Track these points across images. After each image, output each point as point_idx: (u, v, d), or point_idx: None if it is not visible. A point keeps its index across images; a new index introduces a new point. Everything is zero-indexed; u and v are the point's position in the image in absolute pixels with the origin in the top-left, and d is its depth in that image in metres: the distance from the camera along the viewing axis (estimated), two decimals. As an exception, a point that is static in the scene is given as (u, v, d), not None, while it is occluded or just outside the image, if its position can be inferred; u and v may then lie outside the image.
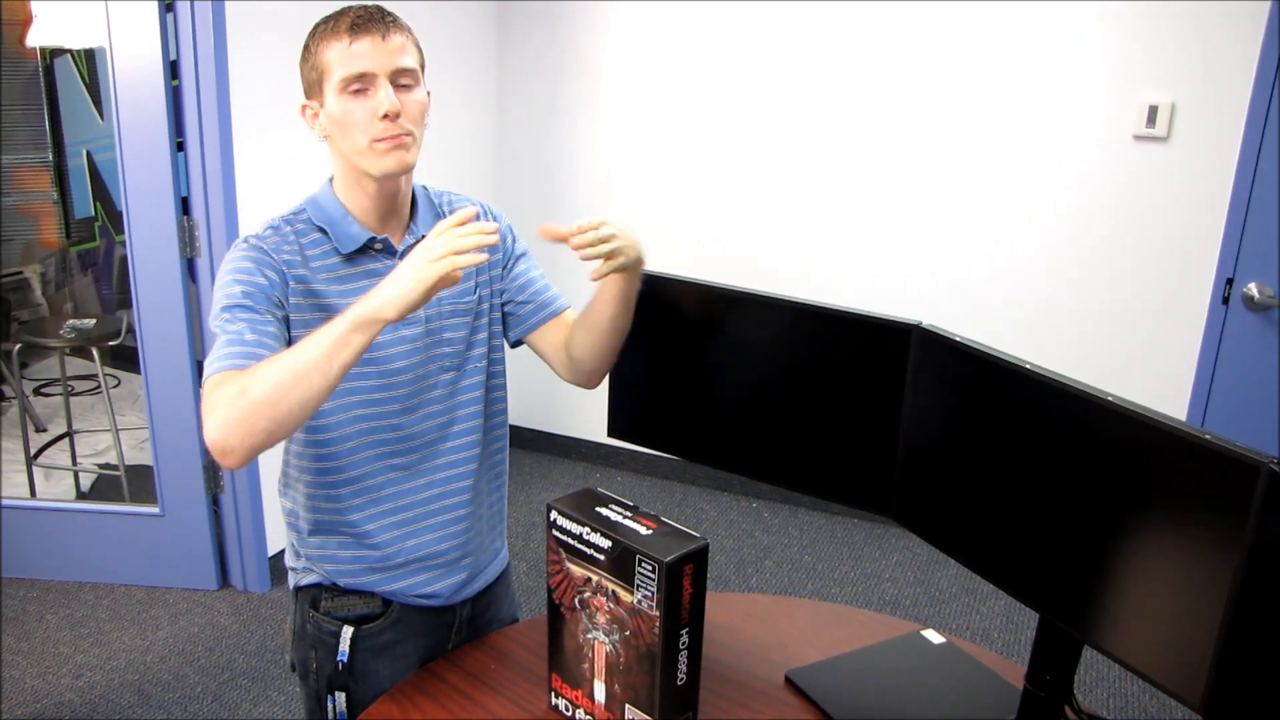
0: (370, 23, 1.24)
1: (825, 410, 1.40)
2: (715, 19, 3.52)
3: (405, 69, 1.27)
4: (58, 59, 4.48)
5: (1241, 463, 0.93)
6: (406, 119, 1.27)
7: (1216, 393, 2.99)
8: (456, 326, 1.42)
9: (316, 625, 1.43)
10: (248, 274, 1.27)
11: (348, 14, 1.26)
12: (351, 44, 1.24)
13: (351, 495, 1.39)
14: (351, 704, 1.42)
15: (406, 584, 1.43)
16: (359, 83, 1.25)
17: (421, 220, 1.41)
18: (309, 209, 1.36)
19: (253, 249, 1.29)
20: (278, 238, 1.32)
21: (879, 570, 3.34)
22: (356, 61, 1.24)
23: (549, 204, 3.96)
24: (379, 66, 1.24)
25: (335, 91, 1.26)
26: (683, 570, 1.13)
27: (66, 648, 2.79)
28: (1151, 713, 2.64)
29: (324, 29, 1.27)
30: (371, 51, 1.24)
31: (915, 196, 3.38)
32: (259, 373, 1.13)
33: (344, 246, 1.33)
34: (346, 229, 1.34)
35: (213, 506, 3.06)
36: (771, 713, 1.33)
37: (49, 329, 3.92)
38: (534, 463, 4.16)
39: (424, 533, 1.43)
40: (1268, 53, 2.75)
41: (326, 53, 1.26)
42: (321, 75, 1.27)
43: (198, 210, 2.81)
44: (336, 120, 1.28)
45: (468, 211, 1.16)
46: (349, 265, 1.34)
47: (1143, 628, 1.05)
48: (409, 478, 1.41)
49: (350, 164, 1.31)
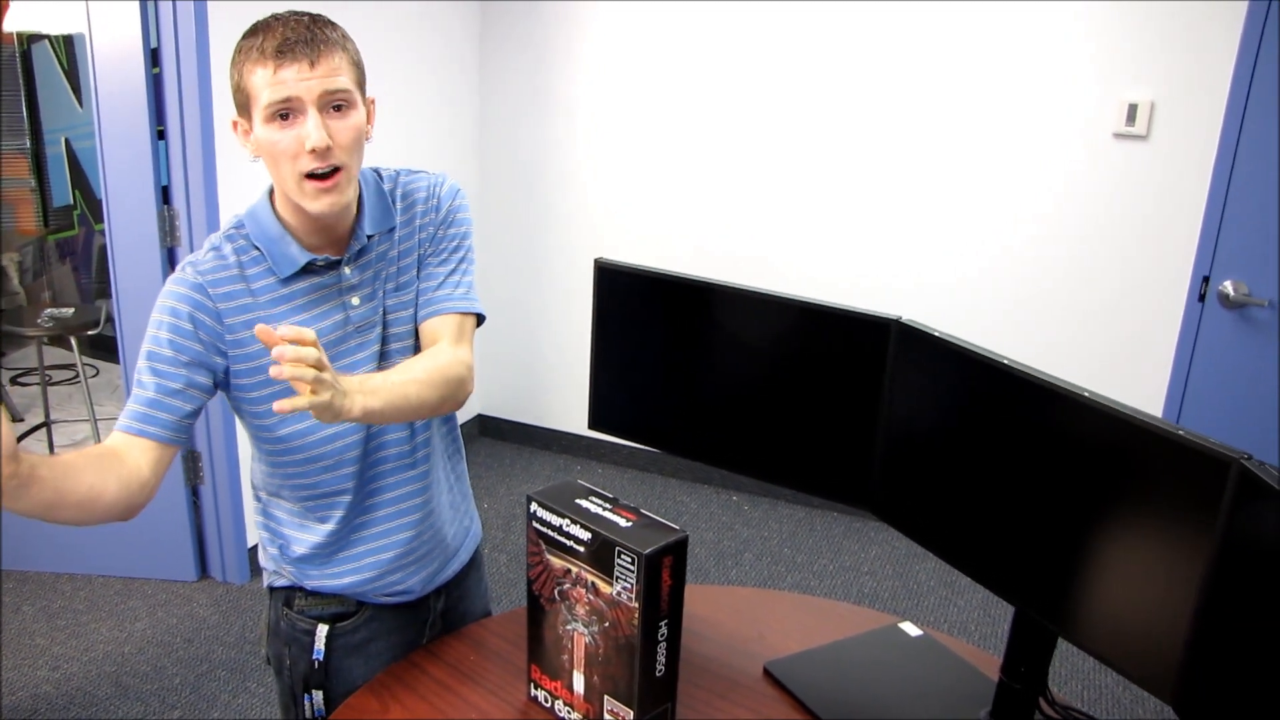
0: (298, 46, 1.13)
1: (805, 403, 1.41)
2: (696, 18, 3.52)
3: (337, 91, 1.17)
4: (35, 44, 4.43)
5: (1213, 458, 0.95)
6: (338, 149, 1.17)
7: (1192, 389, 3.02)
8: (404, 321, 1.35)
9: (291, 624, 1.42)
10: (172, 329, 1.21)
11: (275, 31, 1.15)
12: (277, 71, 1.13)
13: (320, 506, 1.36)
14: (328, 702, 1.41)
15: (378, 585, 1.41)
16: (285, 108, 1.15)
17: (369, 216, 1.30)
18: (248, 224, 1.27)
19: (191, 289, 1.22)
20: (218, 263, 1.24)
21: (858, 563, 3.37)
22: (282, 89, 1.14)
23: (531, 202, 3.96)
24: (307, 93, 1.14)
25: (262, 120, 1.16)
26: (662, 562, 1.13)
27: (43, 639, 2.77)
28: (1125, 705, 2.67)
29: (249, 48, 1.16)
30: (298, 79, 1.13)
31: (897, 192, 3.39)
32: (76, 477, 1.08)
33: (282, 270, 1.25)
34: (285, 250, 1.25)
35: (192, 498, 3.05)
36: (749, 704, 1.34)
37: (26, 318, 3.89)
38: (514, 455, 4.16)
39: (394, 532, 1.40)
40: (1245, 52, 2.78)
41: (251, 77, 1.15)
42: (247, 99, 1.17)
43: (178, 199, 2.79)
44: (264, 147, 1.18)
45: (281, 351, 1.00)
46: (294, 283, 1.27)
47: (1115, 620, 1.07)
48: (374, 479, 1.37)
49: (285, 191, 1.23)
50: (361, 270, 1.30)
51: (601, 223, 3.86)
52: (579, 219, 3.90)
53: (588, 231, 3.84)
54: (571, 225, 3.91)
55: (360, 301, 1.30)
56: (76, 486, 1.06)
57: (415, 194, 1.36)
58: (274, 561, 1.43)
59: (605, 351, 1.57)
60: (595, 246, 3.85)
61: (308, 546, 1.38)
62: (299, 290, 1.27)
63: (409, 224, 1.34)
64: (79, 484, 1.07)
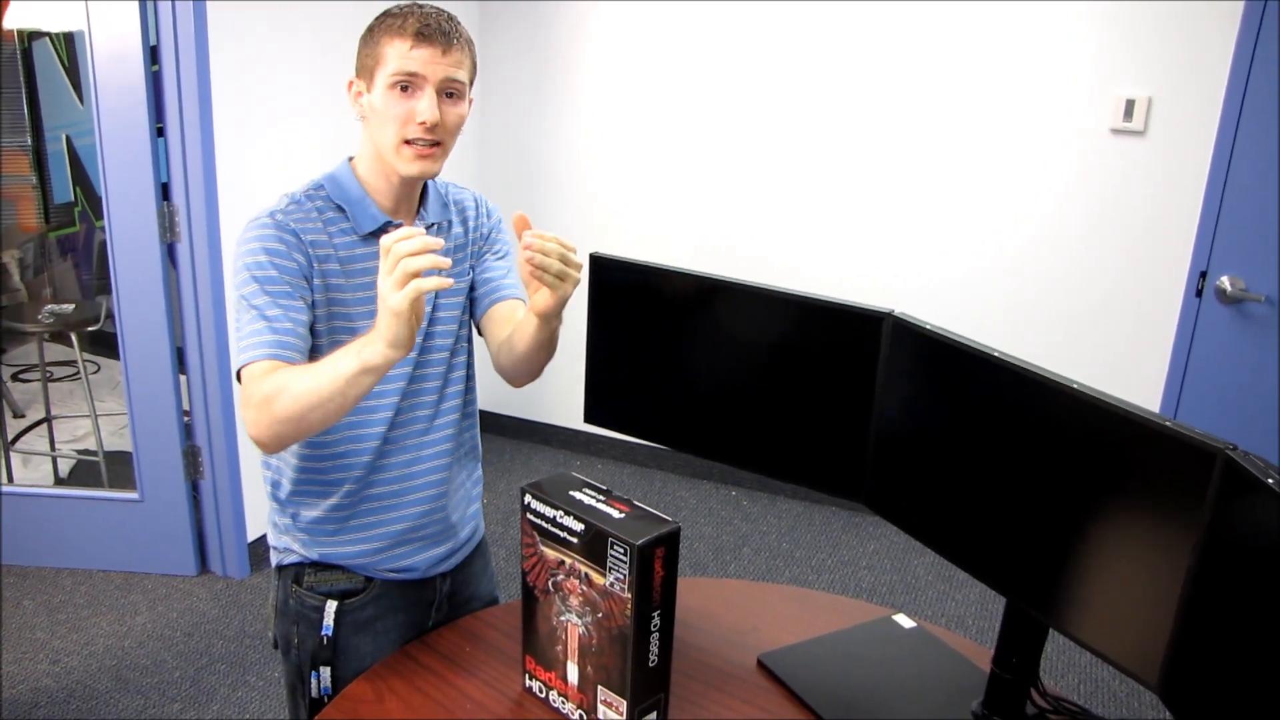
0: (436, 34, 1.28)
1: (799, 397, 1.42)
2: (695, 18, 3.52)
3: (456, 80, 1.32)
4: (36, 42, 4.44)
5: (1199, 449, 0.96)
6: (442, 129, 1.32)
7: (1190, 384, 3.03)
8: (452, 306, 1.46)
9: (300, 600, 1.45)
10: (278, 254, 1.29)
11: (418, 16, 1.29)
12: (412, 49, 1.27)
13: (335, 469, 1.41)
14: (335, 679, 1.44)
15: (384, 557, 1.45)
16: (410, 81, 1.29)
17: (430, 207, 1.45)
18: (328, 186, 1.38)
19: (280, 227, 1.31)
20: (301, 213, 1.34)
21: (856, 558, 3.38)
22: (411, 64, 1.28)
23: (530, 201, 3.96)
24: (431, 75, 1.29)
25: (384, 84, 1.29)
26: (654, 553, 1.14)
27: (44, 633, 2.79)
28: (1121, 699, 2.68)
29: (391, 23, 1.29)
30: (428, 60, 1.28)
31: (896, 189, 3.40)
32: (286, 389, 1.18)
33: (362, 227, 1.36)
34: (365, 210, 1.37)
35: (192, 492, 3.06)
36: (744, 695, 1.35)
37: (27, 314, 3.90)
38: (514, 450, 4.17)
39: (406, 506, 1.46)
40: (1242, 48, 2.78)
41: (387, 46, 1.29)
42: (375, 64, 1.30)
43: (178, 196, 2.80)
44: (377, 110, 1.31)
45: (405, 230, 1.12)
46: (363, 245, 1.37)
47: (1104, 610, 1.08)
48: (397, 452, 1.44)
49: (378, 153, 1.35)
50: None
51: (600, 221, 3.87)
52: (577, 218, 3.91)
53: (586, 230, 3.85)
54: (570, 224, 3.92)
55: None
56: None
57: (464, 202, 1.52)
58: (283, 534, 1.46)
59: (600, 345, 1.58)
60: (594, 244, 3.84)
61: (321, 509, 1.42)
62: (365, 254, 1.37)
63: (461, 224, 1.50)
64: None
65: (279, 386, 1.19)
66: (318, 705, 1.44)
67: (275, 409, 1.18)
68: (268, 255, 1.29)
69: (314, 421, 1.19)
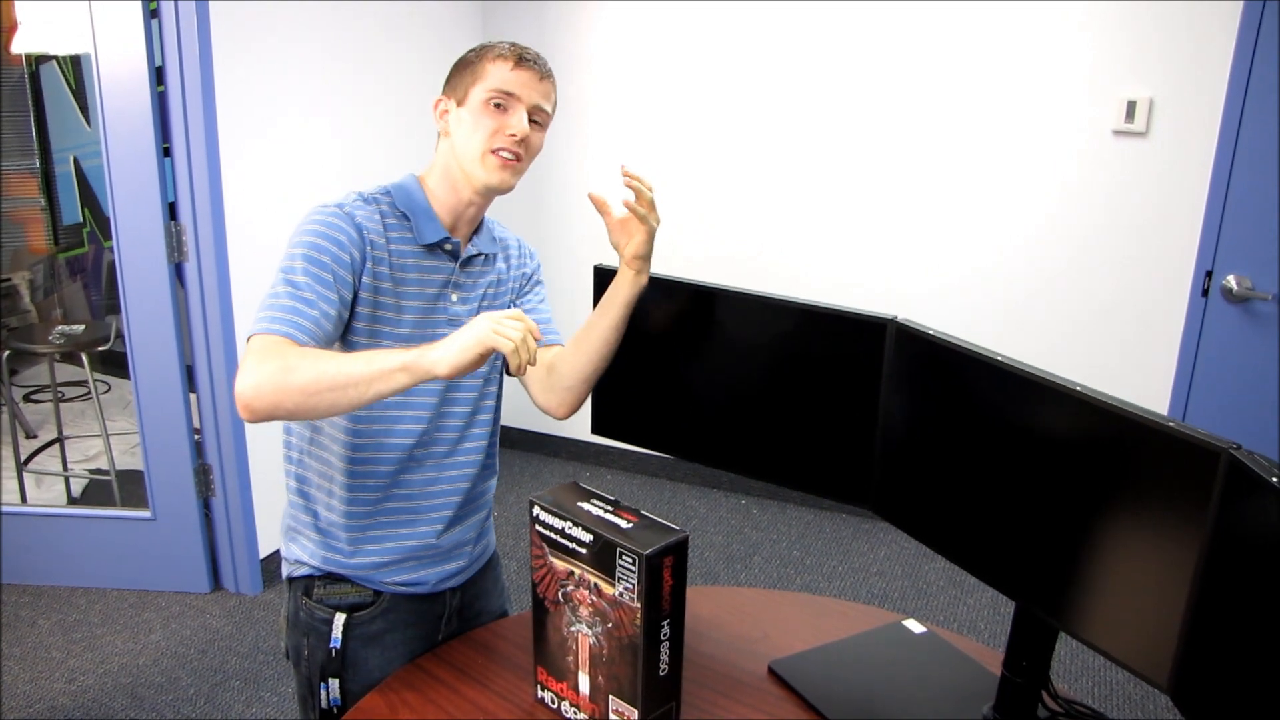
0: (535, 64, 1.39)
1: (805, 404, 1.43)
2: (696, 21, 3.54)
3: (544, 109, 1.40)
4: (43, 65, 4.48)
5: (1203, 449, 0.96)
6: (526, 146, 1.39)
7: (1197, 384, 3.02)
8: None
9: (309, 612, 1.46)
10: (338, 244, 1.31)
11: (519, 48, 1.39)
12: (514, 70, 1.37)
13: (358, 474, 1.42)
14: (343, 691, 1.45)
15: (394, 570, 1.46)
16: (505, 100, 1.36)
17: (483, 236, 1.49)
18: (395, 194, 1.42)
19: (347, 219, 1.34)
20: (366, 211, 1.37)
21: (867, 564, 3.37)
22: (511, 84, 1.36)
23: (531, 207, 3.98)
24: (526, 97, 1.37)
25: (481, 98, 1.36)
26: (663, 562, 1.15)
27: (59, 652, 2.80)
28: (1136, 701, 2.67)
29: (494, 50, 1.39)
30: (527, 83, 1.37)
31: (899, 192, 3.41)
32: (306, 363, 1.19)
33: (424, 237, 1.40)
34: (429, 222, 1.41)
35: (204, 510, 3.08)
36: (754, 702, 1.35)
37: (38, 335, 3.92)
38: (524, 462, 4.17)
39: (421, 524, 1.47)
40: (1243, 48, 2.79)
41: (490, 65, 1.37)
42: (474, 80, 1.38)
43: (185, 215, 2.82)
44: (466, 122, 1.37)
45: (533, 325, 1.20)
46: (418, 257, 1.40)
47: (1113, 612, 1.08)
48: (418, 470, 1.45)
49: (456, 165, 1.39)
50: (466, 275, 1.46)
51: (602, 231, 3.87)
52: (580, 224, 3.93)
53: (589, 237, 3.86)
54: (573, 230, 3.93)
55: (458, 300, 1.45)
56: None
57: (507, 241, 1.57)
58: (297, 536, 1.48)
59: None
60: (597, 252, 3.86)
61: (339, 515, 1.44)
62: (418, 266, 1.41)
63: (504, 261, 1.54)
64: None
65: (304, 357, 1.20)
66: (328, 716, 1.45)
67: (293, 378, 1.17)
68: (327, 240, 1.31)
69: (321, 403, 1.19)
